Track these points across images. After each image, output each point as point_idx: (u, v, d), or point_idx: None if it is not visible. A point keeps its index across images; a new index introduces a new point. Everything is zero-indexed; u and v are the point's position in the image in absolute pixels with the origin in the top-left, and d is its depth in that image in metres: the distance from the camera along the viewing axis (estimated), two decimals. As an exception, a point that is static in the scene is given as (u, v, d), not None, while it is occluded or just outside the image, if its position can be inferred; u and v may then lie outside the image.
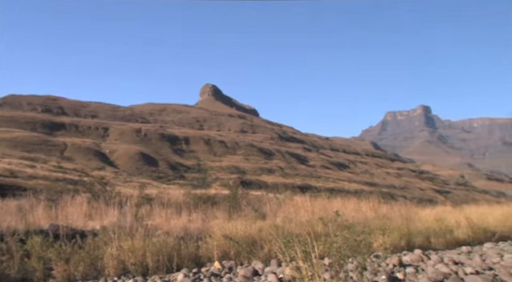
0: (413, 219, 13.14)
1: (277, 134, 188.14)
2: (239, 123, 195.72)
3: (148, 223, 10.70)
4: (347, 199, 15.82)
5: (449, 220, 13.33)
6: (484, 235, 12.92)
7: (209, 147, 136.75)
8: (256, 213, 12.88)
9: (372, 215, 13.46)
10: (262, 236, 9.22)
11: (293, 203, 14.29)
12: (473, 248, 11.14)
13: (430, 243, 11.17)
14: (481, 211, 16.45)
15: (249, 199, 18.34)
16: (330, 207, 12.37)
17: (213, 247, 8.62)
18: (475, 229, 12.72)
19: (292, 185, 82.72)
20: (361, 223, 10.65)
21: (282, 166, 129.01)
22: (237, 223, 9.90)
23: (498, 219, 14.77)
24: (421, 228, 11.65)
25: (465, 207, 18.70)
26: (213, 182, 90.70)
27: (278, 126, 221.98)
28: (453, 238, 11.98)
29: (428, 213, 15.35)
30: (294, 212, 12.45)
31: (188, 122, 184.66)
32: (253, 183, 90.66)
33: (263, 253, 8.75)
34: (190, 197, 18.89)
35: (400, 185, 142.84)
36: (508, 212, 16.49)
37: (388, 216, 13.23)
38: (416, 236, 10.97)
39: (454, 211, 16.31)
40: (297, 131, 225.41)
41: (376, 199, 15.71)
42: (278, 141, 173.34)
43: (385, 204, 16.46)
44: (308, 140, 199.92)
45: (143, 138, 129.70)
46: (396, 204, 18.07)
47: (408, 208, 15.80)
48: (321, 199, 15.37)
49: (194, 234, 9.67)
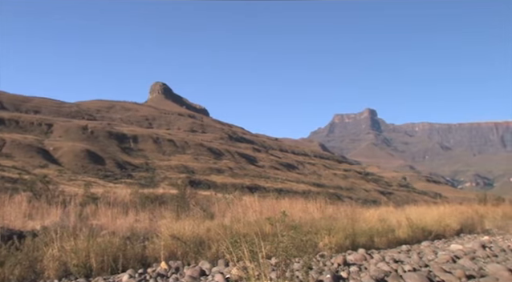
0: (358, 219, 13.51)
1: (227, 134, 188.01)
2: (189, 123, 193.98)
3: (93, 222, 10.38)
4: (295, 200, 16.04)
5: (391, 220, 13.86)
6: (422, 234, 13.55)
7: (158, 145, 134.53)
8: (204, 213, 12.81)
9: (319, 215, 13.72)
10: (209, 236, 9.18)
11: (241, 203, 14.31)
12: (412, 247, 11.65)
13: (373, 243, 11.53)
14: (420, 211, 17.23)
15: (197, 198, 18.23)
16: (278, 208, 12.49)
17: (160, 247, 8.47)
18: (414, 228, 13.31)
19: (241, 185, 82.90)
20: (308, 223, 10.84)
21: (232, 166, 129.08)
22: (185, 223, 9.80)
23: (435, 218, 15.55)
24: (365, 228, 11.99)
25: (406, 208, 19.49)
26: (161, 181, 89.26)
27: (228, 126, 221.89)
28: (395, 237, 12.47)
29: (372, 213, 15.83)
30: (243, 212, 12.47)
31: (136, 120, 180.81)
32: (202, 182, 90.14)
33: (211, 253, 8.71)
34: (137, 196, 18.52)
35: (346, 186, 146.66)
36: (443, 212, 17.40)
37: (334, 217, 13.53)
38: (360, 236, 11.28)
39: (396, 212, 16.94)
40: (247, 132, 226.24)
41: (323, 199, 16.01)
42: (228, 141, 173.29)
43: (332, 205, 16.84)
44: (258, 141, 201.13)
45: (89, 136, 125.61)
46: (342, 205, 18.54)
47: (353, 209, 16.23)
48: (269, 199, 15.49)
49: (141, 234, 9.46)
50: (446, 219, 16.02)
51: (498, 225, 18.49)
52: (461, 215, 18.04)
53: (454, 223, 16.08)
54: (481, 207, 21.88)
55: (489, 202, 25.97)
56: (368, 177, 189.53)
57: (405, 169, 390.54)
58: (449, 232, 15.28)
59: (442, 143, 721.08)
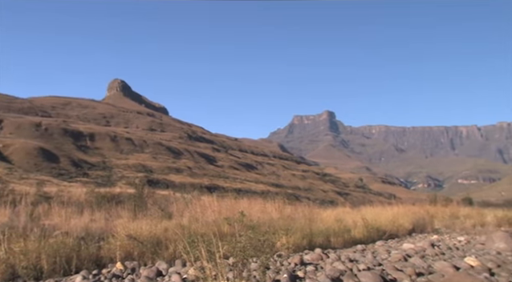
0: (315, 219, 13.73)
1: (186, 133, 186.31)
2: (148, 121, 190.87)
3: (46, 223, 10.03)
4: (254, 200, 16.10)
5: (347, 221, 14.17)
6: (377, 234, 13.94)
7: (116, 144, 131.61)
8: (162, 213, 12.66)
9: (277, 215, 13.84)
10: (167, 236, 9.09)
11: (200, 203, 14.24)
12: (367, 246, 11.97)
13: (330, 243, 11.76)
14: (375, 212, 17.70)
15: (155, 198, 18.00)
16: (237, 208, 12.50)
17: (116, 247, 8.29)
18: (369, 229, 13.67)
19: (200, 185, 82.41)
20: (266, 223, 10.90)
21: (191, 165, 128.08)
22: (143, 222, 9.66)
23: (389, 219, 16.04)
24: (322, 228, 12.20)
25: (362, 209, 19.99)
26: (118, 180, 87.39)
27: (188, 125, 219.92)
28: (351, 237, 12.76)
29: (329, 214, 16.14)
30: (201, 212, 12.42)
31: (94, 117, 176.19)
32: (161, 182, 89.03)
33: (168, 253, 8.63)
34: (93, 195, 18.10)
35: (304, 187, 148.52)
36: (397, 213, 17.98)
37: (292, 217, 13.70)
38: (317, 236, 11.47)
39: (352, 212, 17.33)
40: (206, 131, 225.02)
41: (282, 200, 16.15)
42: (187, 140, 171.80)
43: (290, 205, 17.00)
44: (217, 140, 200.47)
45: (43, 133, 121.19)
46: (300, 205, 18.73)
47: (311, 209, 16.46)
48: (228, 199, 15.49)
49: (96, 234, 9.23)
50: (399, 220, 16.56)
51: (446, 224, 19.31)
52: (414, 215, 18.68)
53: (407, 223, 16.65)
54: (431, 208, 22.73)
55: (439, 202, 27.01)
56: (326, 178, 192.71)
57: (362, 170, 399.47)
58: (402, 232, 15.79)
59: (397, 145, 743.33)
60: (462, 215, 21.38)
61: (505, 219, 21.32)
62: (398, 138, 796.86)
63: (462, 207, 25.90)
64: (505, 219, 21.32)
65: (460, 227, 18.72)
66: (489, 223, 20.14)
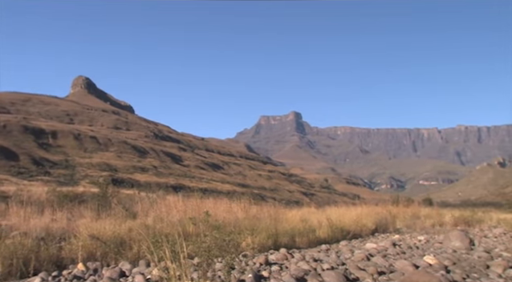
0: (281, 219, 13.81)
1: (152, 132, 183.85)
2: (113, 119, 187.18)
3: (2, 223, 9.71)
4: (220, 200, 16.05)
5: (312, 221, 14.33)
6: (341, 234, 14.17)
7: (79, 142, 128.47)
8: (127, 212, 12.47)
9: (243, 215, 13.85)
10: (131, 236, 8.95)
11: (165, 202, 14.10)
12: (331, 246, 12.14)
13: (295, 243, 11.86)
14: (339, 212, 17.99)
15: (120, 197, 17.67)
16: (202, 208, 12.45)
17: (78, 247, 8.08)
18: (334, 228, 13.88)
19: (165, 184, 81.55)
20: (232, 223, 10.91)
21: (156, 165, 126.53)
22: (106, 222, 9.50)
23: (353, 219, 16.35)
24: (288, 228, 12.30)
25: (327, 209, 20.28)
26: (81, 179, 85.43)
27: (154, 124, 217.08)
28: (315, 237, 12.92)
29: (294, 214, 16.28)
30: (166, 212, 12.29)
31: (56, 115, 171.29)
32: (126, 181, 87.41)
33: (132, 254, 8.50)
34: (55, 195, 17.61)
35: (270, 187, 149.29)
36: (361, 213, 18.33)
37: (257, 217, 13.74)
38: (282, 236, 11.55)
39: (317, 213, 17.55)
40: (173, 131, 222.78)
41: (247, 200, 16.18)
42: (153, 139, 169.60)
43: (256, 205, 17.04)
44: (184, 140, 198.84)
45: (1, 130, 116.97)
46: (266, 205, 18.79)
47: (276, 209, 16.53)
48: (194, 199, 15.39)
49: (57, 234, 8.99)
50: (363, 220, 16.90)
51: (408, 224, 19.82)
52: (377, 215, 19.09)
53: (370, 223, 17.01)
54: (394, 208, 23.24)
55: (401, 203, 27.60)
56: (292, 178, 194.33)
57: (327, 171, 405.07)
58: (366, 232, 16.12)
59: (362, 146, 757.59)
60: (423, 215, 21.99)
61: (462, 219, 22.11)
62: (363, 139, 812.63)
63: (423, 207, 26.63)
64: (462, 219, 22.11)
65: (420, 227, 19.25)
66: (447, 223, 20.84)
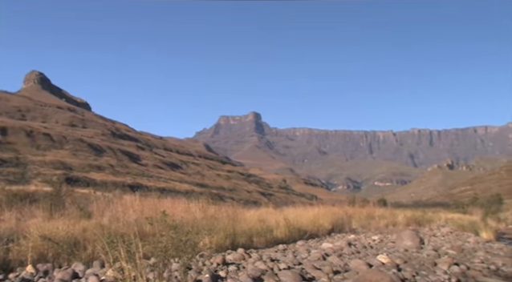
0: (239, 219, 13.84)
1: (109, 130, 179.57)
2: (68, 116, 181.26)
3: None
4: (178, 200, 15.93)
5: (270, 221, 14.44)
6: (298, 234, 14.36)
7: (32, 139, 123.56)
8: (81, 212, 12.14)
9: (201, 215, 13.78)
10: (85, 236, 8.73)
11: (122, 202, 13.85)
12: (289, 246, 12.29)
13: (253, 242, 11.91)
14: (297, 212, 18.20)
15: (74, 197, 17.18)
16: (160, 207, 12.31)
17: (28, 249, 7.76)
18: (291, 229, 14.04)
19: (123, 183, 79.94)
20: (189, 223, 10.84)
21: (113, 163, 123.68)
22: (59, 222, 9.21)
23: (310, 219, 16.61)
24: (246, 228, 12.34)
25: (285, 209, 20.47)
26: (33, 177, 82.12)
27: (112, 122, 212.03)
28: (273, 237, 13.03)
29: (252, 214, 16.35)
30: (123, 212, 12.06)
31: (6, 110, 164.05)
32: (81, 180, 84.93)
33: (86, 254, 8.28)
34: (3, 193, 16.89)
35: (229, 187, 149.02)
36: (318, 214, 18.64)
37: (215, 217, 13.71)
38: (240, 236, 11.57)
39: (275, 213, 17.68)
40: (131, 129, 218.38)
41: (206, 200, 16.12)
42: (111, 138, 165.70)
43: (214, 205, 17.01)
44: (142, 138, 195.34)
45: None
46: (224, 205, 18.79)
47: (234, 209, 16.55)
48: (151, 198, 15.20)
49: (5, 235, 8.63)
50: (320, 220, 17.19)
51: (363, 224, 20.34)
52: (333, 215, 19.45)
53: (327, 224, 17.32)
54: (350, 209, 23.77)
55: (357, 204, 28.26)
56: (250, 178, 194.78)
57: (285, 172, 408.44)
58: (322, 232, 16.41)
59: (320, 147, 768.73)
60: (377, 216, 22.60)
61: (413, 219, 22.94)
62: (321, 140, 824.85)
63: (377, 207, 27.34)
64: (413, 219, 22.94)
65: (375, 227, 19.80)
66: (400, 223, 21.54)
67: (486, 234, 17.83)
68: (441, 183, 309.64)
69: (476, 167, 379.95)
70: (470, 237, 16.69)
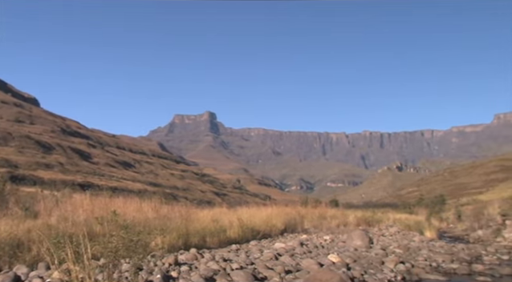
0: (192, 219, 13.75)
1: (59, 127, 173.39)
2: (14, 112, 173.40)
3: None
4: (130, 199, 15.62)
5: (223, 221, 14.43)
6: (251, 234, 14.43)
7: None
8: (26, 212, 11.65)
9: (154, 215, 13.59)
10: (30, 237, 8.36)
11: (71, 201, 13.42)
12: (242, 246, 12.32)
13: (206, 242, 11.87)
14: (250, 212, 18.28)
15: (19, 196, 16.47)
16: (111, 207, 12.03)
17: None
18: (244, 229, 14.09)
19: (72, 182, 77.44)
20: (142, 223, 10.67)
21: (63, 161, 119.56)
22: (1, 222, 8.79)
23: (263, 219, 16.74)
24: (199, 228, 12.28)
25: (238, 209, 20.50)
26: (-26, 176, 77.95)
27: (62, 119, 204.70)
28: (226, 237, 13.04)
29: (206, 214, 16.28)
30: (72, 211, 11.69)
31: None
32: (27, 178, 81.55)
33: (31, 256, 7.92)
34: None
35: (182, 186, 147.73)
36: (271, 214, 18.81)
37: (168, 217, 13.55)
38: (193, 236, 11.50)
39: (229, 213, 17.68)
40: (82, 126, 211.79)
41: (159, 199, 15.91)
42: (60, 135, 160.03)
43: (167, 205, 16.81)
44: (94, 136, 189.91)
45: None
46: (178, 205, 18.61)
47: (188, 209, 16.44)
48: (102, 197, 14.84)
49: None
50: (273, 220, 17.35)
51: (315, 224, 20.68)
52: (286, 216, 19.67)
53: (280, 224, 17.50)
54: (302, 209, 24.08)
55: (310, 204, 28.65)
56: (205, 178, 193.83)
57: (240, 172, 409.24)
58: (275, 232, 16.57)
59: (274, 148, 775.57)
60: (329, 216, 23.03)
61: (363, 219, 23.56)
62: (275, 141, 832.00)
63: (329, 208, 27.86)
64: (363, 219, 23.56)
65: (326, 227, 20.18)
66: (351, 223, 22.06)
67: (430, 233, 18.67)
68: (390, 185, 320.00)
69: (422, 169, 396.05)
70: (416, 236, 17.37)
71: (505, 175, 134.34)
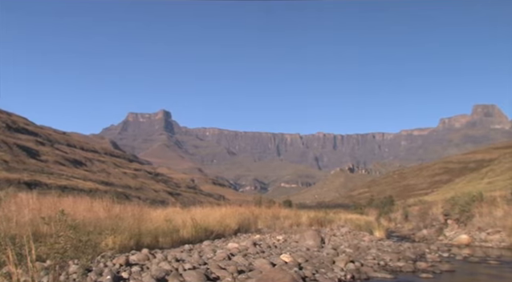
0: (145, 219, 13.54)
1: (4, 123, 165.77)
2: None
3: None
4: (80, 198, 15.19)
5: (176, 221, 14.30)
6: (205, 234, 14.39)
7: None
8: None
9: (105, 215, 13.27)
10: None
11: (16, 200, 12.87)
12: (195, 246, 12.26)
13: (158, 242, 11.73)
14: (204, 212, 18.23)
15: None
16: (60, 206, 11.62)
17: None
18: (198, 229, 14.04)
19: (18, 181, 74.23)
20: (92, 223, 10.41)
21: (8, 159, 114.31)
22: None
23: (217, 219, 16.74)
24: (151, 228, 12.11)
25: (192, 209, 20.37)
26: None
27: (7, 114, 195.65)
28: (179, 237, 12.94)
29: (159, 214, 16.06)
30: (17, 211, 11.21)
31: None
32: (-33, 176, 77.48)
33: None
34: None
35: (135, 186, 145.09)
36: (225, 214, 18.83)
37: (120, 216, 13.27)
38: (146, 236, 11.34)
39: (182, 212, 17.54)
40: (30, 123, 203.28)
41: (110, 198, 15.56)
42: (5, 131, 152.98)
43: (119, 204, 16.46)
44: (43, 133, 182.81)
45: None
46: (130, 205, 18.27)
47: (141, 209, 16.15)
48: (51, 196, 14.35)
49: None
50: (227, 220, 17.37)
51: (268, 224, 20.87)
52: (240, 216, 19.74)
53: (233, 224, 17.54)
54: (256, 209, 24.21)
55: (263, 204, 28.84)
56: (158, 178, 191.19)
57: (194, 171, 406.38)
58: (229, 232, 16.59)
59: (229, 148, 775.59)
60: (282, 216, 23.27)
61: (316, 219, 24.00)
62: (230, 141, 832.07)
63: (283, 208, 28.14)
64: (316, 219, 24.00)
65: (280, 227, 20.39)
66: (304, 223, 22.41)
67: (379, 233, 19.30)
68: (343, 186, 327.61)
69: (373, 170, 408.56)
70: (365, 236, 17.88)
71: (449, 177, 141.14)
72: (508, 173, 69.62)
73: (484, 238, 17.64)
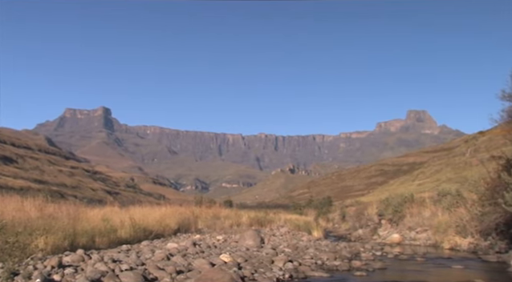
0: (81, 218, 13.11)
1: None
2: None
3: None
4: (10, 197, 14.44)
5: (114, 220, 13.94)
6: (143, 234, 14.15)
7: None
8: None
9: (37, 214, 12.70)
10: None
11: None
12: (133, 246, 12.02)
13: (95, 243, 11.40)
14: (143, 212, 17.89)
15: None
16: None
17: None
18: (136, 228, 13.77)
19: None
20: (23, 223, 9.94)
21: None
22: None
23: (157, 219, 16.51)
24: (88, 228, 11.75)
25: (131, 208, 19.93)
26: None
27: None
28: (117, 237, 12.63)
29: (96, 213, 15.58)
30: None
31: None
32: None
33: None
34: None
35: (71, 184, 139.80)
36: (164, 213, 18.61)
37: (54, 216, 12.76)
38: (81, 236, 10.99)
39: (121, 212, 17.12)
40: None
41: (44, 197, 14.92)
42: None
43: (53, 203, 15.81)
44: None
45: None
46: (66, 204, 17.60)
47: (77, 208, 15.61)
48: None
49: None
50: (166, 220, 17.17)
51: (209, 224, 20.83)
52: (180, 215, 19.57)
53: (173, 223, 17.36)
54: (196, 209, 24.11)
55: (204, 204, 28.73)
56: (96, 176, 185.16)
57: (134, 170, 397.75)
58: (168, 232, 16.40)
59: (170, 147, 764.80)
60: (223, 216, 23.30)
61: (256, 220, 24.20)
62: (172, 140, 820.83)
63: (224, 208, 28.17)
64: (256, 220, 24.20)
65: (220, 227, 20.40)
66: (244, 223, 22.54)
67: (317, 233, 19.86)
68: (283, 186, 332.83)
69: (313, 171, 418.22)
70: (304, 236, 18.32)
71: (383, 179, 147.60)
72: (436, 175, 74.21)
73: (413, 237, 18.74)
